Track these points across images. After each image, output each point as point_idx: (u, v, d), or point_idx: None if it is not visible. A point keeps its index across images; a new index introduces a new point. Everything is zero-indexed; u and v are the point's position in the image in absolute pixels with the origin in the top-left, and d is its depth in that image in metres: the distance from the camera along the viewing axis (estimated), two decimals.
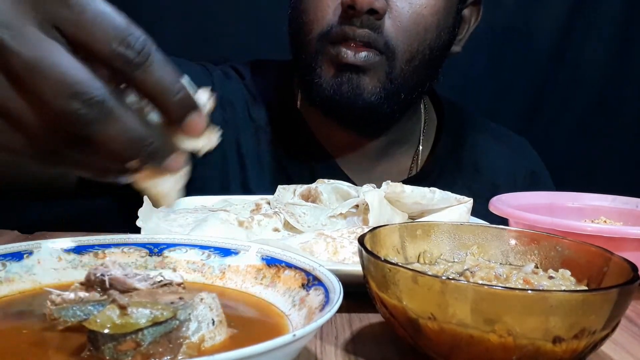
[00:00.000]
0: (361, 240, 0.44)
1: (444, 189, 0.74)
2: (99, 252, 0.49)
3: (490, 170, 1.00)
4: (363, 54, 0.81)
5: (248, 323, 0.42)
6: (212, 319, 0.37)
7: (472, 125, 1.04)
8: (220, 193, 0.81)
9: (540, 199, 0.75)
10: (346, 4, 0.79)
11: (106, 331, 0.34)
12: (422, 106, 1.00)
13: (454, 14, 0.89)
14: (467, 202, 0.68)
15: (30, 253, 0.47)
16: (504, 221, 0.66)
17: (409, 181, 0.87)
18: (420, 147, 0.98)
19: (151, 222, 0.62)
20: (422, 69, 0.85)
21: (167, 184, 0.41)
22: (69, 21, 0.35)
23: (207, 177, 0.88)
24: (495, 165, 1.01)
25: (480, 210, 0.72)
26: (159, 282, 0.42)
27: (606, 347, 0.45)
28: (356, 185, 0.78)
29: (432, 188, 0.68)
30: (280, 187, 0.76)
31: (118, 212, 0.67)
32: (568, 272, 0.45)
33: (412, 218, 0.69)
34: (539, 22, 1.35)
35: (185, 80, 0.39)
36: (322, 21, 0.83)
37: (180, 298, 0.38)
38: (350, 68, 0.81)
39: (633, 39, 1.37)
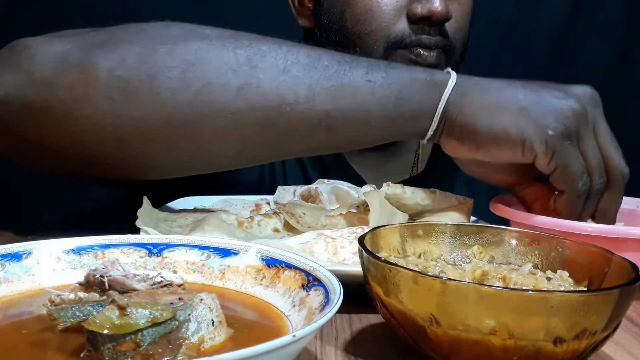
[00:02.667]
0: (361, 240, 0.44)
1: (445, 187, 0.76)
2: (98, 252, 0.49)
3: None
4: (435, 53, 0.85)
5: (248, 324, 0.42)
6: (212, 320, 0.37)
7: None
8: (256, 191, 0.82)
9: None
10: (419, 16, 0.82)
11: (105, 332, 0.34)
12: None
13: None
14: (468, 203, 0.68)
15: (30, 253, 0.47)
16: (504, 221, 0.66)
17: (412, 180, 0.87)
18: (422, 142, 0.99)
19: (151, 223, 0.61)
20: (462, 59, 0.92)
21: None
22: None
23: (247, 175, 0.89)
24: None
25: (482, 209, 0.73)
26: (159, 282, 0.42)
27: (607, 348, 0.45)
28: (364, 181, 0.78)
29: (432, 189, 0.68)
30: (280, 188, 0.76)
31: (125, 208, 0.67)
32: (566, 273, 0.45)
33: (412, 218, 0.69)
34: (540, 21, 1.35)
35: None
36: (389, 30, 0.84)
37: (180, 299, 0.38)
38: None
39: (634, 38, 1.37)
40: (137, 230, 0.59)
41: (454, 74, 0.63)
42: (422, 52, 0.84)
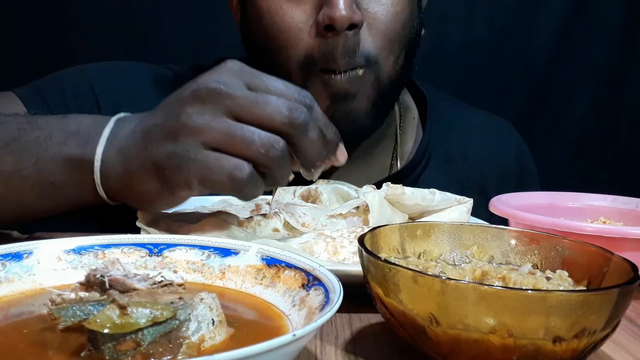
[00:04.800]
0: (361, 240, 0.44)
1: (432, 183, 0.74)
2: (99, 252, 0.49)
3: (479, 160, 0.97)
4: (351, 74, 0.77)
5: (248, 323, 0.42)
6: (212, 319, 0.37)
7: (457, 114, 1.00)
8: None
9: (540, 199, 0.75)
10: (323, 25, 0.74)
11: (106, 331, 0.34)
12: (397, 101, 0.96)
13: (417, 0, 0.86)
14: (467, 203, 0.68)
15: (30, 253, 0.47)
16: (503, 221, 0.66)
17: (392, 178, 0.85)
18: (399, 142, 0.94)
19: (151, 223, 0.62)
20: (405, 65, 0.83)
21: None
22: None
23: None
24: (484, 154, 0.97)
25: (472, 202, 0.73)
26: (159, 282, 0.42)
27: (606, 347, 0.45)
28: None
29: (432, 189, 0.68)
30: (280, 188, 0.76)
31: (125, 209, 0.68)
32: (565, 273, 0.45)
33: (412, 218, 0.69)
34: (539, 22, 1.35)
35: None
36: (299, 46, 0.77)
37: (180, 298, 0.38)
38: (342, 96, 0.78)
39: (633, 39, 1.37)
40: (137, 230, 0.59)
41: (102, 142, 0.59)
42: (334, 78, 0.76)
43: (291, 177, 0.58)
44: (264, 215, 0.68)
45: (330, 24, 0.74)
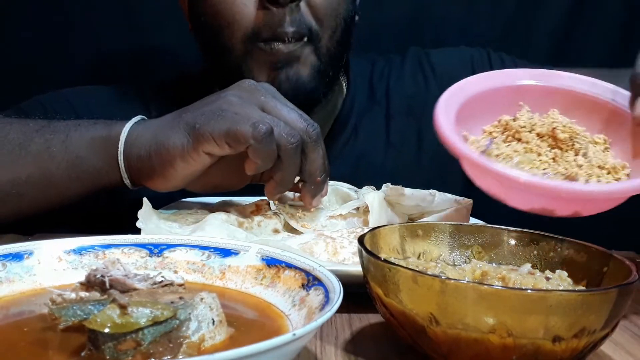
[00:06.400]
0: (361, 240, 0.44)
1: (366, 126, 0.89)
2: (99, 252, 0.49)
3: (402, 95, 1.02)
4: (292, 45, 0.82)
5: (248, 323, 0.42)
6: (212, 319, 0.37)
7: (378, 61, 1.06)
8: (167, 200, 0.80)
9: (503, 79, 0.63)
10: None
11: (106, 330, 0.34)
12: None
13: None
14: (467, 204, 0.68)
15: (31, 254, 0.47)
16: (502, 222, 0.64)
17: (337, 121, 0.95)
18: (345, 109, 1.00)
19: (151, 224, 0.62)
20: (342, 41, 0.88)
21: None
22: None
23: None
24: (406, 88, 1.02)
25: (401, 128, 0.88)
26: (159, 282, 0.42)
27: (606, 347, 0.45)
28: None
29: (431, 190, 0.68)
30: None
31: (125, 210, 0.70)
32: (565, 273, 0.45)
33: (412, 219, 0.69)
34: (539, 22, 1.35)
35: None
36: (244, 21, 0.82)
37: (181, 298, 0.38)
38: (283, 62, 0.82)
39: (633, 39, 1.37)
40: (138, 231, 0.59)
41: (130, 122, 0.68)
42: (276, 46, 0.81)
43: (296, 179, 0.65)
44: (264, 215, 0.68)
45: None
